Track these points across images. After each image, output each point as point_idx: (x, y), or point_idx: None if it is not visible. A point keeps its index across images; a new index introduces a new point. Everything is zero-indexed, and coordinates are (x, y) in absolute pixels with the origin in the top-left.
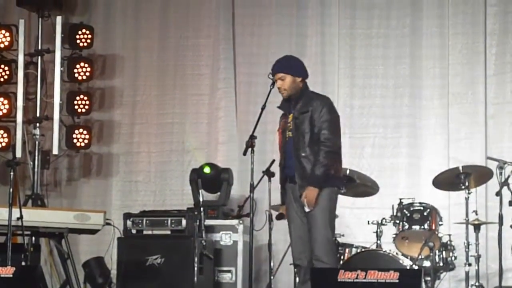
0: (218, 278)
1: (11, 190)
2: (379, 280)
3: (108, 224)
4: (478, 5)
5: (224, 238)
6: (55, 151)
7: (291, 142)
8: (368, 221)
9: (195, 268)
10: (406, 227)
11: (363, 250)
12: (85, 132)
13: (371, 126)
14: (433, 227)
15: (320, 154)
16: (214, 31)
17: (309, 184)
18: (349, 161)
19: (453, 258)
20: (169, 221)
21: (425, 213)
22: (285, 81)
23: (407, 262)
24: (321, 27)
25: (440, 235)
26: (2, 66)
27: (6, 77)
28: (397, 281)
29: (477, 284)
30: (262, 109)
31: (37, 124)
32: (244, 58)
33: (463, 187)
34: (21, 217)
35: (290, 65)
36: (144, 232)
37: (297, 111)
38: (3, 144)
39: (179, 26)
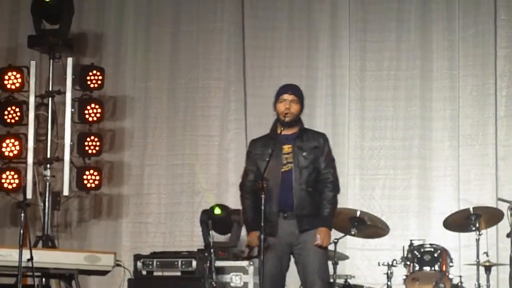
0: None
1: (21, 231)
2: None
3: (119, 265)
4: (489, 47)
5: (235, 280)
6: (65, 192)
7: (291, 175)
8: (379, 263)
9: None
10: (417, 268)
11: None
12: (95, 173)
13: (381, 167)
14: (444, 269)
15: (329, 196)
16: (225, 73)
17: (322, 225)
18: (360, 203)
19: None
20: (179, 263)
21: (435, 255)
22: (296, 106)
23: None
24: (331, 69)
25: (450, 276)
26: (13, 107)
27: (17, 118)
28: None
29: None
30: (273, 150)
31: (48, 166)
32: (254, 99)
33: (473, 228)
34: (31, 258)
35: (302, 94)
36: (155, 274)
37: (305, 145)
38: (14, 185)
39: (189, 68)
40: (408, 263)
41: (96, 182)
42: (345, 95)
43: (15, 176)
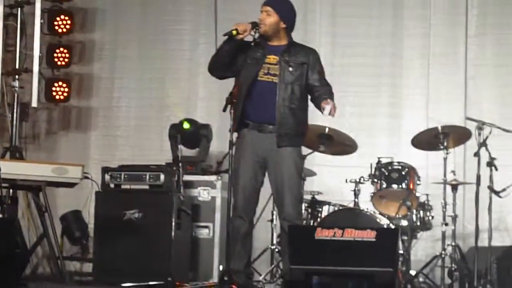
0: (195, 234)
1: None
2: (356, 239)
3: (86, 178)
4: None
5: (202, 194)
6: (34, 103)
7: (274, 87)
8: (346, 180)
9: (173, 224)
10: (384, 186)
11: (340, 208)
12: (64, 85)
13: (351, 85)
14: (411, 187)
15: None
16: None
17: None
18: (329, 119)
19: (430, 217)
20: (147, 176)
21: (403, 173)
22: (270, 17)
23: (384, 221)
24: None
25: (417, 194)
26: None
27: None
28: (374, 239)
29: (453, 244)
30: (248, 65)
31: (16, 76)
32: (226, 14)
33: (441, 147)
34: None
35: (283, 7)
36: (122, 187)
37: (292, 60)
38: None
39: None
40: (376, 180)
41: (65, 94)
42: (316, 11)
43: None
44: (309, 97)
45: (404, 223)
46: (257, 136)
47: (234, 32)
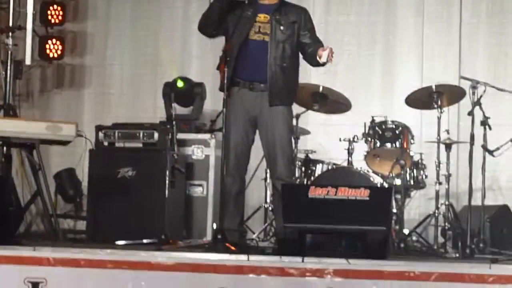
0: (189, 192)
1: None
2: (349, 197)
3: (80, 135)
4: None
5: (196, 152)
6: (27, 61)
7: (265, 46)
8: (340, 138)
9: (167, 182)
10: (378, 145)
11: (334, 166)
12: (58, 43)
13: (345, 43)
14: (405, 146)
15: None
16: None
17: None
18: (323, 78)
19: (423, 176)
20: (141, 134)
21: (397, 131)
22: None
23: (378, 180)
24: None
25: (411, 153)
26: None
27: None
28: (367, 198)
29: (446, 203)
30: (239, 24)
31: (10, 34)
32: None
33: (435, 106)
34: None
35: None
36: (116, 145)
37: (283, 19)
38: None
39: None
40: (369, 139)
41: (59, 52)
42: None
43: None
44: (300, 56)
45: (398, 182)
46: (248, 94)
47: None
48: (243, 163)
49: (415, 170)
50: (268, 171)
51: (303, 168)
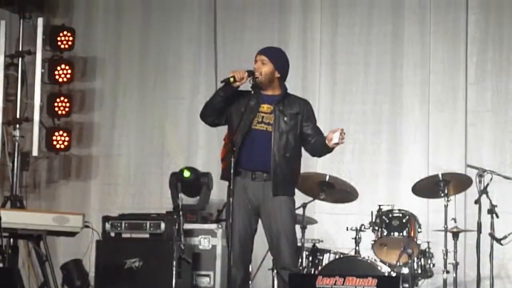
0: (196, 282)
1: None
2: (357, 287)
3: (87, 226)
4: (460, 12)
5: (203, 242)
6: (35, 152)
7: (268, 137)
8: (347, 227)
9: (174, 272)
10: (385, 233)
11: (341, 256)
12: (65, 134)
13: (351, 132)
14: (412, 234)
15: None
16: (196, 36)
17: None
18: (329, 167)
19: (431, 265)
20: (148, 225)
21: (404, 220)
22: (265, 66)
23: (385, 269)
24: (303, 33)
25: (418, 242)
26: None
27: None
28: (375, 287)
29: None
30: (243, 113)
31: (17, 126)
32: (225, 62)
33: (442, 194)
34: None
35: (278, 57)
36: (123, 235)
37: (287, 110)
38: None
39: (161, 30)
40: (377, 228)
41: (66, 143)
42: (316, 60)
43: None
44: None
45: (405, 271)
46: (250, 184)
47: (232, 79)
48: (247, 252)
49: (422, 259)
50: None
51: (310, 258)
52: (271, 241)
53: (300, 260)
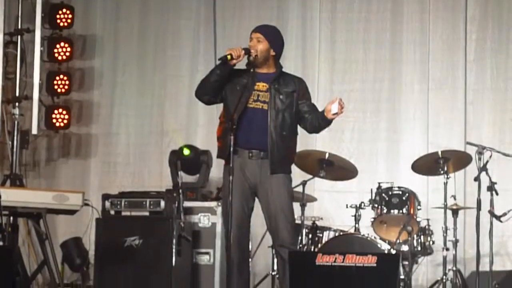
0: (196, 260)
1: None
2: (357, 264)
3: (87, 205)
4: None
5: (203, 220)
6: (34, 131)
7: (264, 115)
8: (347, 205)
9: (173, 250)
10: (385, 211)
11: (341, 234)
12: (64, 112)
13: (350, 110)
14: (412, 212)
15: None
16: (195, 13)
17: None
18: (329, 145)
19: (431, 242)
20: (147, 203)
21: (403, 198)
22: (260, 44)
23: (385, 246)
24: (302, 11)
25: (418, 219)
26: None
27: None
28: (375, 265)
29: (454, 268)
30: (243, 92)
31: (16, 104)
32: (224, 41)
33: (441, 172)
34: None
35: (273, 35)
36: (123, 213)
37: (282, 88)
38: None
39: (160, 7)
40: (376, 205)
41: (65, 121)
42: (315, 37)
43: None
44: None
45: (405, 248)
46: (247, 162)
47: (229, 56)
48: (244, 231)
49: (422, 236)
50: None
51: (310, 235)
52: (269, 219)
53: (299, 238)
